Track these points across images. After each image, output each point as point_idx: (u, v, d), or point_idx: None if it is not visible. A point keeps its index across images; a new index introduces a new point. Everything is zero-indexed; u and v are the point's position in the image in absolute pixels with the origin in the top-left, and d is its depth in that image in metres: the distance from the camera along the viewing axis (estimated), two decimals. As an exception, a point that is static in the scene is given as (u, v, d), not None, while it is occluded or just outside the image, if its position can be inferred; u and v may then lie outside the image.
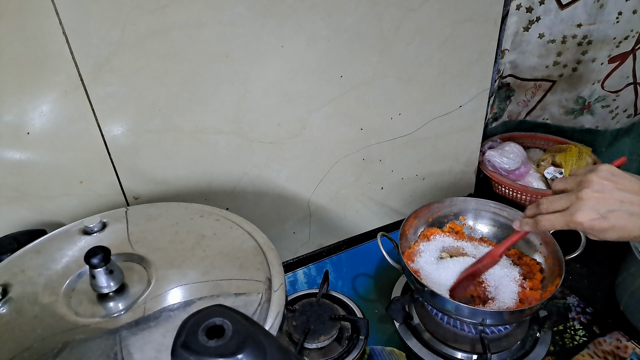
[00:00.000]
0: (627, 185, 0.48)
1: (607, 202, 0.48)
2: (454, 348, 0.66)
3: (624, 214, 0.47)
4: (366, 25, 0.70)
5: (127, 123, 0.62)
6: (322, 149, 0.79)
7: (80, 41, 0.54)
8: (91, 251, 0.40)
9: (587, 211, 0.48)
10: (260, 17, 0.63)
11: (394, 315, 0.68)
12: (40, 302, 0.42)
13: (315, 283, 0.80)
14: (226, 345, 0.28)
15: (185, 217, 0.55)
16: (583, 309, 0.73)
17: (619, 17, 0.86)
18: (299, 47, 0.67)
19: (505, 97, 1.00)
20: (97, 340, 0.38)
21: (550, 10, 0.86)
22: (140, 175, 0.67)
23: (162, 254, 0.48)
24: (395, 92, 0.79)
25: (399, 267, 0.70)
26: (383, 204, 0.93)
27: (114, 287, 0.41)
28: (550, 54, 0.92)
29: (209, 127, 0.67)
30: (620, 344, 0.67)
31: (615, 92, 0.98)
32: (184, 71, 0.62)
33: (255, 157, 0.74)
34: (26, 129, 0.56)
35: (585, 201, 0.48)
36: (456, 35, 0.79)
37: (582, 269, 0.82)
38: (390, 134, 0.84)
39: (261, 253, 0.49)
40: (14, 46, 0.52)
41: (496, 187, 0.96)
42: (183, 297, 0.43)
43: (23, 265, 0.47)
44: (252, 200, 0.77)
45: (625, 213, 0.47)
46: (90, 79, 0.57)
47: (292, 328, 0.66)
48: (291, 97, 0.71)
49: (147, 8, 0.56)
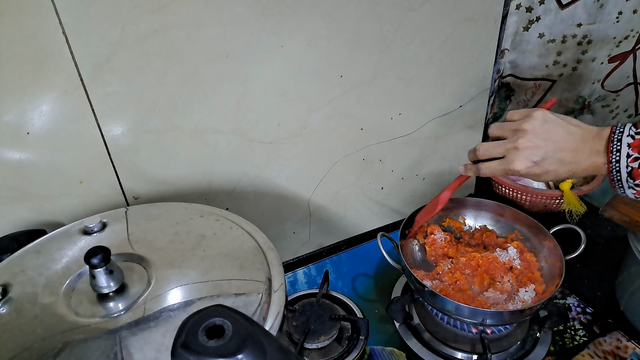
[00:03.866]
0: (558, 132, 0.53)
1: (540, 151, 0.53)
2: (454, 348, 0.66)
3: (555, 161, 0.53)
4: (366, 25, 0.70)
5: (127, 123, 0.62)
6: (322, 149, 0.79)
7: (80, 41, 0.54)
8: (91, 251, 0.40)
9: (523, 160, 0.54)
10: (260, 17, 0.62)
11: (394, 316, 0.68)
12: (40, 302, 0.42)
13: (315, 283, 0.80)
14: (226, 345, 0.28)
15: (185, 217, 0.55)
16: (583, 309, 0.73)
17: (619, 17, 0.86)
18: (299, 47, 0.67)
19: (505, 97, 1.00)
20: (97, 340, 0.38)
21: (550, 10, 0.86)
22: (140, 175, 0.66)
23: (162, 254, 0.48)
24: (395, 92, 0.79)
25: (399, 267, 0.70)
26: (383, 204, 0.93)
27: (114, 287, 0.41)
28: (550, 54, 0.92)
29: (209, 127, 0.67)
30: (620, 344, 0.67)
31: (616, 91, 0.98)
32: (184, 71, 0.62)
33: (255, 157, 0.74)
34: (26, 129, 0.56)
35: (520, 151, 0.54)
36: (456, 35, 0.79)
37: (582, 269, 0.82)
38: (390, 134, 0.84)
39: (261, 253, 0.49)
40: (13, 46, 0.52)
41: (496, 187, 0.96)
42: (183, 297, 0.43)
43: (23, 265, 0.47)
44: (252, 200, 0.77)
45: (555, 160, 0.53)
46: (90, 79, 0.57)
47: (292, 328, 0.66)
48: (291, 97, 0.71)
49: (147, 8, 0.56)
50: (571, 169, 0.53)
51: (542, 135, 0.53)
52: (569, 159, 0.52)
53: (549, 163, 0.53)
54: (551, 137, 0.53)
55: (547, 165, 0.53)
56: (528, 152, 0.53)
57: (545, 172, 0.53)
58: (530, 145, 0.53)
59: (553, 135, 0.53)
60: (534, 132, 0.53)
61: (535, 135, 0.53)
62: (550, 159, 0.53)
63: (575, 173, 0.53)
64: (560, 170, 0.53)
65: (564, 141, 0.53)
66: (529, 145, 0.53)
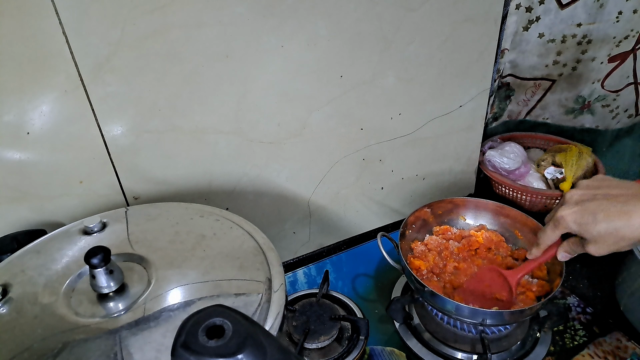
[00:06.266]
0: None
1: (582, 198, 0.51)
2: (454, 348, 0.66)
3: (602, 198, 0.49)
4: (366, 25, 0.70)
5: (127, 123, 0.62)
6: (322, 149, 0.79)
7: (80, 41, 0.54)
8: (91, 251, 0.40)
9: (565, 208, 0.51)
10: (260, 17, 0.62)
11: (394, 315, 0.68)
12: (40, 302, 0.42)
13: (315, 283, 0.80)
14: (226, 345, 0.28)
15: (185, 217, 0.55)
16: (583, 309, 0.73)
17: (619, 17, 0.86)
18: (299, 47, 0.67)
19: (505, 97, 1.00)
20: (97, 340, 0.38)
21: (550, 10, 0.86)
22: (140, 175, 0.66)
23: (162, 254, 0.48)
24: (395, 92, 0.79)
25: (399, 267, 0.70)
26: (383, 204, 0.93)
27: (114, 287, 0.41)
28: (550, 53, 0.92)
29: (209, 127, 0.67)
30: (620, 344, 0.67)
31: (616, 91, 0.98)
32: (184, 71, 0.62)
33: (255, 157, 0.74)
34: (26, 129, 0.56)
35: (563, 205, 0.52)
36: (456, 35, 0.79)
37: (582, 269, 0.82)
38: (390, 134, 0.84)
39: (261, 253, 0.49)
40: (13, 46, 0.52)
41: (496, 187, 0.96)
42: (183, 297, 0.43)
43: (23, 265, 0.47)
44: (252, 200, 0.77)
45: (602, 197, 0.49)
46: (90, 79, 0.57)
47: (292, 328, 0.66)
48: (291, 97, 0.71)
49: (147, 8, 0.56)
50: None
51: (578, 194, 0.51)
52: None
53: (595, 204, 0.49)
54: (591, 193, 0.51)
55: (593, 206, 0.49)
56: (571, 204, 0.51)
57: (593, 215, 0.49)
58: (573, 203, 0.51)
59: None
60: (570, 198, 0.52)
61: (571, 198, 0.52)
62: (595, 200, 0.49)
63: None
64: (612, 209, 0.48)
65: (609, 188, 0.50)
66: (571, 202, 0.51)
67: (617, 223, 0.47)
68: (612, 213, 0.47)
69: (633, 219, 0.46)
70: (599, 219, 0.48)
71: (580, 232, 0.50)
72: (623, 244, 0.48)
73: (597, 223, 0.48)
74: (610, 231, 0.47)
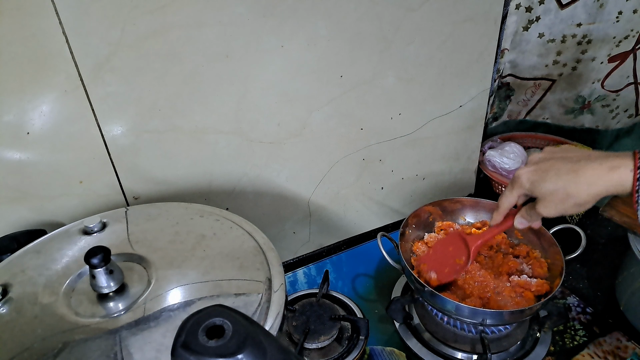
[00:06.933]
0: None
1: (541, 160, 0.51)
2: (454, 348, 0.66)
3: (558, 159, 0.49)
4: (366, 25, 0.70)
5: (127, 123, 0.62)
6: (322, 149, 0.79)
7: (80, 41, 0.54)
8: (91, 251, 0.40)
9: (523, 167, 0.52)
10: (260, 17, 0.62)
11: (394, 315, 0.68)
12: (40, 302, 0.42)
13: (315, 283, 0.80)
14: (226, 345, 0.28)
15: (185, 217, 0.55)
16: (583, 309, 0.73)
17: (619, 17, 0.86)
18: (299, 47, 0.67)
19: (505, 97, 1.00)
20: (97, 340, 0.38)
21: (550, 10, 0.86)
22: (140, 175, 0.66)
23: (162, 254, 0.48)
24: (395, 92, 0.79)
25: (399, 267, 0.70)
26: (383, 204, 0.93)
27: (114, 287, 0.41)
28: (550, 53, 0.92)
29: (209, 127, 0.67)
30: (620, 344, 0.67)
31: (616, 91, 0.98)
32: (184, 71, 0.62)
33: (255, 157, 0.74)
34: (26, 129, 0.56)
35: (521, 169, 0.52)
36: (456, 35, 0.79)
37: (582, 269, 0.82)
38: (390, 134, 0.84)
39: (261, 253, 0.49)
40: (13, 46, 0.52)
41: (496, 187, 0.96)
42: (183, 297, 0.43)
43: (23, 265, 0.47)
44: (252, 200, 0.77)
45: (558, 158, 0.49)
46: (90, 79, 0.57)
47: (292, 328, 0.66)
48: (291, 97, 0.71)
49: (147, 8, 0.56)
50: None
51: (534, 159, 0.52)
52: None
53: (548, 164, 0.49)
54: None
55: (546, 165, 0.50)
56: (527, 167, 0.52)
57: (545, 173, 0.49)
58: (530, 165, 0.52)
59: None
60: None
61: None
62: (550, 160, 0.50)
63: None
64: (562, 167, 0.48)
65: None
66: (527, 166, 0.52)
67: (565, 179, 0.47)
68: (561, 171, 0.48)
69: (580, 176, 0.46)
70: (549, 176, 0.48)
71: (531, 190, 0.51)
72: (570, 202, 0.48)
73: (547, 180, 0.49)
74: (557, 188, 0.48)
